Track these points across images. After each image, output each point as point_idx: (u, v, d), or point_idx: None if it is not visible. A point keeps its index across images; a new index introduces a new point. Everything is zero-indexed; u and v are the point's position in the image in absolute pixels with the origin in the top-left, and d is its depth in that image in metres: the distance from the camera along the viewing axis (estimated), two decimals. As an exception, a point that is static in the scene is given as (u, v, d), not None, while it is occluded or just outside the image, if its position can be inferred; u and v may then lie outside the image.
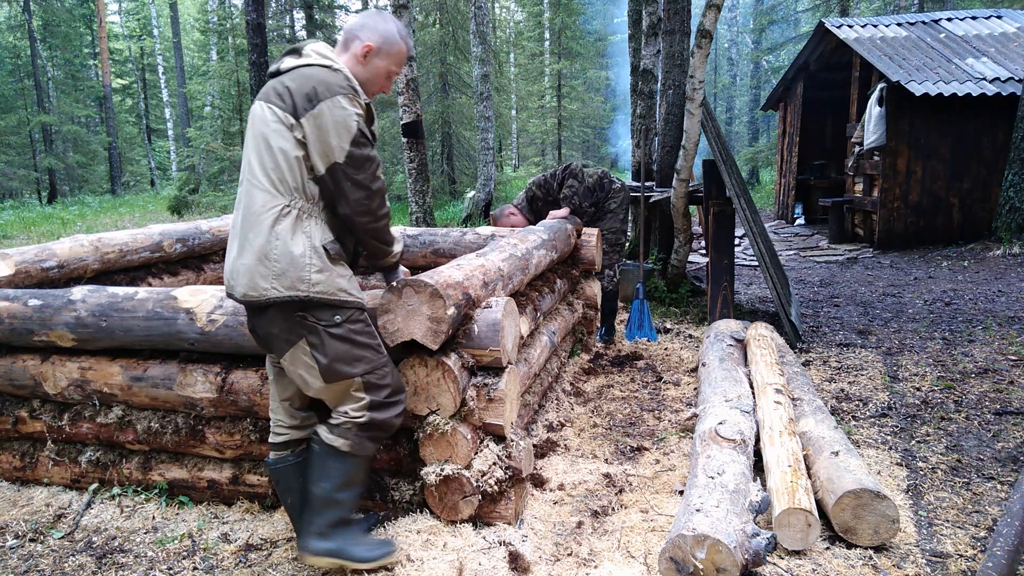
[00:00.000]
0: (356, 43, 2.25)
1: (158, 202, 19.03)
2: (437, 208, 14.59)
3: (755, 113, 25.20)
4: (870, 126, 9.25)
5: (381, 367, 2.21)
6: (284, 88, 2.12)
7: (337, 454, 2.19)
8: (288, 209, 2.11)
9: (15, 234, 12.59)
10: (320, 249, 2.12)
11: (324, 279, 2.11)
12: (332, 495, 2.20)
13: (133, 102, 32.80)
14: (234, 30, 17.73)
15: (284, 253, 2.08)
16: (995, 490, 2.81)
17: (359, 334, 2.17)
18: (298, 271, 2.08)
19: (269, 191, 2.11)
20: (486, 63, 12.96)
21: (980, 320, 5.56)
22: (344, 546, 2.20)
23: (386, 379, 2.21)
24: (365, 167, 2.10)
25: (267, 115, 2.13)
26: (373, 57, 2.26)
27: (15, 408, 2.99)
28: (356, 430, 2.18)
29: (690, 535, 2.09)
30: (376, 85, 2.31)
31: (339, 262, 2.18)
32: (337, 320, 2.14)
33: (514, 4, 30.35)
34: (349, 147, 2.07)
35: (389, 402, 2.22)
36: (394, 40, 2.27)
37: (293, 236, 2.09)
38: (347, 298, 2.17)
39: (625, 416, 3.75)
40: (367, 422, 2.18)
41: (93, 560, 2.45)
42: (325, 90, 2.07)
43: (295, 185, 2.11)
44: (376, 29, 2.26)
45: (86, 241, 3.87)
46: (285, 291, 2.08)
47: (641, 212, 6.65)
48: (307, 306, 2.11)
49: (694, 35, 5.52)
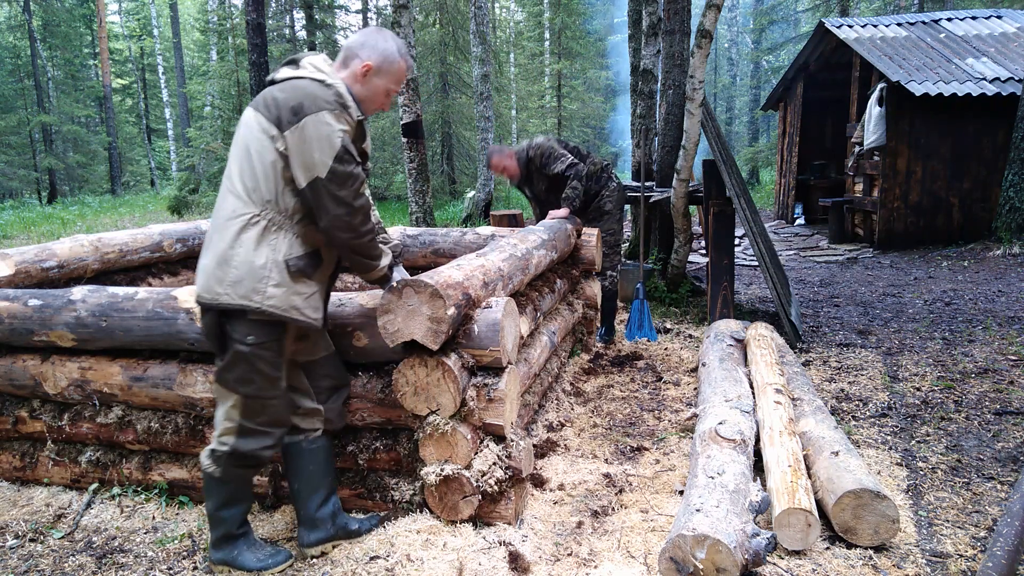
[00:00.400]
0: (356, 61, 2.27)
1: (158, 202, 19.03)
2: (437, 208, 14.60)
3: (755, 113, 25.20)
4: (870, 126, 9.25)
5: (267, 397, 2.22)
6: (273, 99, 2.13)
7: (213, 479, 2.27)
8: (257, 219, 2.13)
9: (15, 234, 12.59)
10: (281, 264, 2.13)
11: (279, 294, 2.13)
12: (215, 513, 2.30)
13: (133, 102, 32.79)
14: (234, 30, 17.73)
15: (244, 262, 2.10)
16: (995, 490, 2.81)
17: (262, 361, 2.18)
18: (255, 282, 2.10)
19: (242, 198, 2.13)
20: (486, 63, 12.96)
21: (980, 320, 5.56)
22: (234, 556, 2.31)
23: (267, 410, 2.23)
24: (347, 184, 2.10)
25: (253, 123, 2.15)
26: (372, 76, 2.27)
27: (15, 408, 2.99)
28: (225, 459, 2.24)
29: (690, 535, 2.09)
30: (375, 103, 2.33)
31: (300, 279, 2.17)
32: (249, 340, 2.15)
33: (514, 4, 30.34)
34: (332, 163, 2.07)
35: (259, 431, 2.24)
36: (393, 59, 2.29)
37: (257, 246, 2.11)
38: (297, 317, 2.17)
39: (625, 416, 3.75)
40: (232, 452, 2.23)
41: (93, 560, 2.45)
42: (311, 104, 2.07)
43: (269, 197, 2.12)
44: (376, 48, 2.27)
45: (86, 241, 3.87)
46: (238, 299, 2.10)
47: (641, 212, 6.65)
48: (232, 317, 2.14)
49: (694, 35, 5.52)
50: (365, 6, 21.74)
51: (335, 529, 2.44)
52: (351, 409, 2.58)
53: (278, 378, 2.25)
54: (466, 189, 15.98)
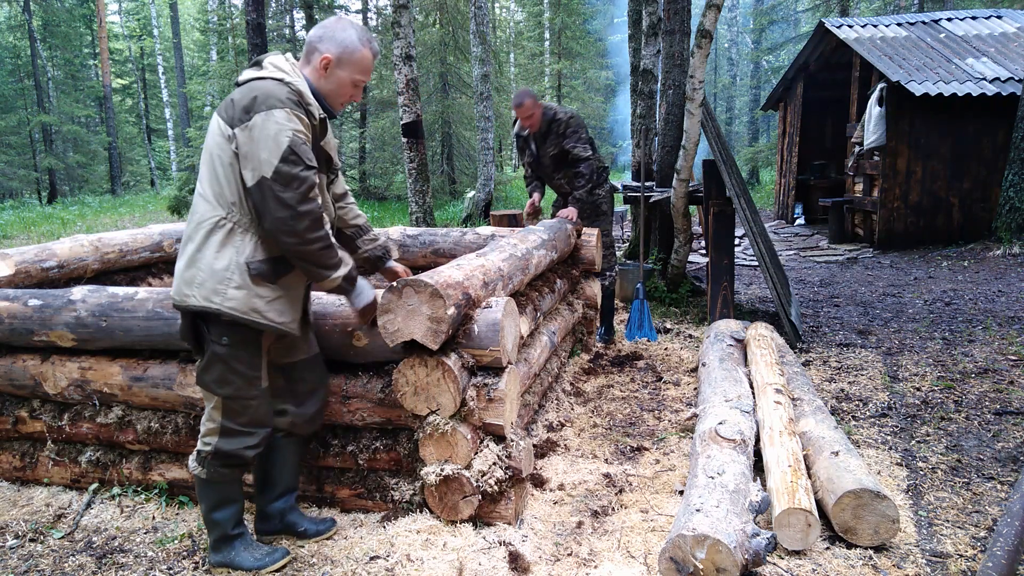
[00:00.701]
0: (315, 55, 2.21)
1: (158, 202, 19.03)
2: (437, 208, 14.60)
3: (755, 113, 25.19)
4: (870, 126, 9.24)
5: (247, 398, 2.23)
6: (231, 100, 2.13)
7: (201, 481, 2.29)
8: (224, 222, 2.13)
9: (15, 234, 12.59)
10: (243, 266, 2.12)
11: (239, 296, 2.12)
12: (209, 516, 2.33)
13: (133, 102, 32.78)
14: (234, 30, 17.73)
15: (207, 264, 2.12)
16: (995, 490, 2.81)
17: (239, 362, 2.19)
18: (215, 283, 2.11)
19: (210, 202, 2.14)
20: (486, 63, 12.95)
21: (980, 320, 5.56)
22: (232, 557, 2.33)
23: (247, 411, 2.25)
24: (292, 186, 2.03)
25: (214, 126, 2.15)
26: (334, 68, 2.21)
27: (15, 408, 2.99)
28: (210, 459, 2.26)
29: (690, 535, 2.09)
30: (343, 95, 2.28)
31: (261, 283, 2.15)
32: (224, 341, 2.17)
33: (514, 4, 30.35)
34: (277, 163, 2.01)
35: (241, 431, 2.25)
36: (354, 48, 2.21)
37: (221, 249, 2.12)
38: (259, 320, 2.16)
39: (625, 416, 3.75)
40: (215, 451, 2.25)
41: (93, 560, 2.45)
42: (263, 103, 2.04)
43: (232, 199, 2.12)
44: (335, 39, 2.20)
45: (86, 241, 3.87)
46: (202, 300, 2.12)
47: (641, 212, 6.65)
48: (208, 319, 2.16)
49: (694, 35, 5.52)
50: (365, 6, 21.75)
51: (281, 525, 2.50)
52: (351, 409, 2.58)
53: (257, 378, 2.25)
54: (466, 189, 15.98)
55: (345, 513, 2.69)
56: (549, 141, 4.73)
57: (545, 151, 4.78)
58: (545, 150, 4.78)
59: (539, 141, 4.79)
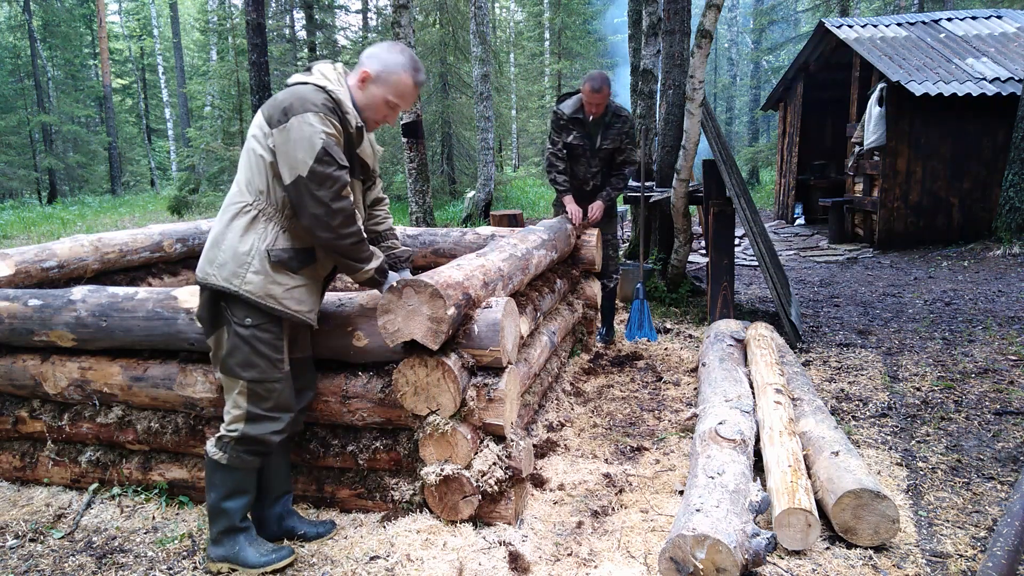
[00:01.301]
0: (358, 69, 2.35)
1: (158, 202, 19.03)
2: (437, 208, 14.59)
3: (755, 113, 25.20)
4: (870, 126, 9.24)
5: (271, 381, 2.27)
6: (274, 99, 2.25)
7: (219, 467, 2.29)
8: (249, 208, 2.24)
9: (15, 234, 12.59)
10: (264, 253, 2.22)
11: (257, 281, 2.21)
12: (219, 505, 2.32)
13: (133, 102, 32.78)
14: (234, 30, 17.71)
15: (231, 246, 2.22)
16: (995, 490, 2.82)
17: (262, 343, 2.25)
18: (236, 266, 2.21)
19: (241, 188, 2.27)
20: (486, 63, 12.95)
21: (980, 320, 5.56)
22: (236, 552, 2.32)
23: (272, 394, 2.28)
24: (326, 184, 2.15)
25: (256, 120, 2.28)
26: (370, 84, 2.34)
27: (15, 408, 2.99)
28: (234, 444, 2.28)
29: (690, 535, 2.09)
30: (377, 112, 2.38)
31: (281, 271, 2.24)
32: (248, 322, 2.23)
33: (514, 4, 30.34)
34: (312, 163, 2.13)
35: (267, 416, 2.28)
36: (394, 70, 2.33)
37: (245, 233, 2.23)
38: (274, 306, 2.23)
39: (625, 416, 3.75)
40: (241, 436, 2.27)
41: (93, 560, 2.45)
42: (299, 106, 2.16)
43: (261, 188, 2.24)
44: (379, 57, 2.34)
45: (86, 241, 3.87)
46: (221, 281, 2.21)
47: (641, 212, 6.65)
48: (230, 300, 2.23)
49: (694, 35, 5.52)
50: (365, 6, 21.74)
51: (280, 531, 2.50)
52: (351, 409, 2.58)
53: (281, 360, 2.30)
54: (466, 189, 15.98)
55: (345, 513, 2.69)
56: (610, 134, 4.65)
57: (603, 142, 4.69)
58: (603, 141, 4.68)
59: (599, 130, 4.67)
